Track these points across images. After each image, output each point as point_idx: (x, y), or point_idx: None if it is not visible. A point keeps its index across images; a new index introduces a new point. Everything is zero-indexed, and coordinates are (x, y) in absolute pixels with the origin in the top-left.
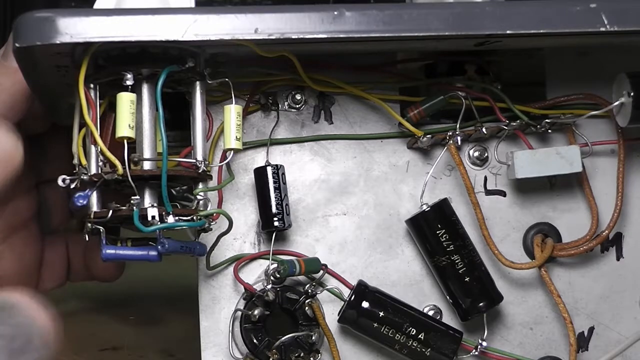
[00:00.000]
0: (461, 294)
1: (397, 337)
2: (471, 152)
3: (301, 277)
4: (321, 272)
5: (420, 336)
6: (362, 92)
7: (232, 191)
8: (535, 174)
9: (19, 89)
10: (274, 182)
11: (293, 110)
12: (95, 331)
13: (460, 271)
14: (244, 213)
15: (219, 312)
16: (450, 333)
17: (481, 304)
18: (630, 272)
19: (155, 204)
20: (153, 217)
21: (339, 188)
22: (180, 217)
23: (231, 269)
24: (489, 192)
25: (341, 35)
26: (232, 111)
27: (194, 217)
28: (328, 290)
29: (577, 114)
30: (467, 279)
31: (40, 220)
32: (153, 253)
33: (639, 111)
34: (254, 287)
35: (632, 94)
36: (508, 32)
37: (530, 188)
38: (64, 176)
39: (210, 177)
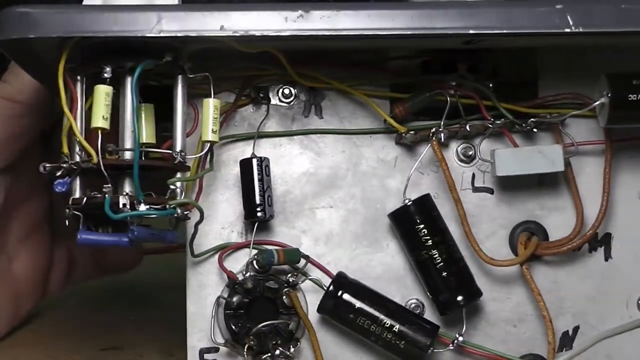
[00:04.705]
0: (439, 288)
1: (373, 328)
2: (459, 149)
3: (286, 267)
4: (303, 262)
5: (394, 329)
6: (350, 88)
7: (221, 182)
8: (516, 172)
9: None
10: (258, 174)
11: (284, 104)
12: (95, 331)
13: (437, 266)
14: (232, 203)
15: (205, 298)
16: (426, 327)
17: (458, 299)
18: (618, 273)
19: (130, 193)
20: (124, 204)
21: (327, 181)
22: (152, 206)
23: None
24: (476, 189)
25: (305, 34)
26: (210, 105)
27: (167, 206)
28: (310, 280)
29: (563, 113)
30: (444, 274)
31: (51, 222)
32: (125, 239)
33: (615, 112)
34: (241, 275)
35: (609, 94)
36: (471, 32)
37: (518, 186)
38: (44, 163)
39: (188, 168)
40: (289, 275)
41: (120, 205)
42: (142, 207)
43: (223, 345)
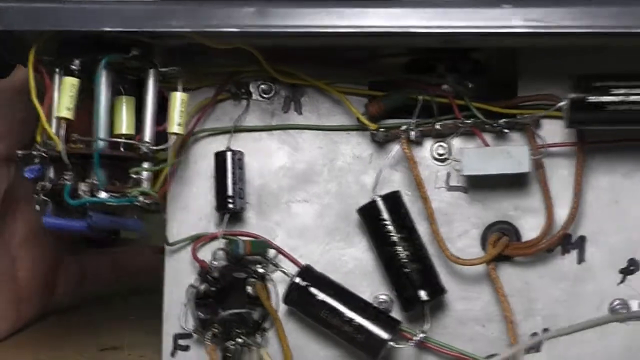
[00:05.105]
0: (402, 284)
1: (334, 321)
2: (434, 148)
3: (260, 258)
4: (274, 253)
5: (354, 322)
6: (327, 85)
7: (201, 174)
8: (482, 172)
9: None
10: (232, 167)
11: (264, 100)
12: (95, 331)
13: (401, 262)
14: (211, 195)
15: (181, 286)
16: (385, 321)
17: (420, 295)
18: (591, 276)
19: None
20: (84, 191)
21: (304, 176)
22: (112, 194)
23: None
24: (450, 188)
25: (260, 30)
26: (178, 98)
27: (128, 195)
28: (281, 270)
29: (533, 114)
30: (406, 270)
31: None
32: (84, 225)
33: (575, 114)
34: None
35: (571, 96)
36: (411, 30)
37: (493, 186)
38: (18, 150)
39: (153, 159)
40: (259, 265)
41: (80, 192)
42: (103, 195)
43: (192, 332)
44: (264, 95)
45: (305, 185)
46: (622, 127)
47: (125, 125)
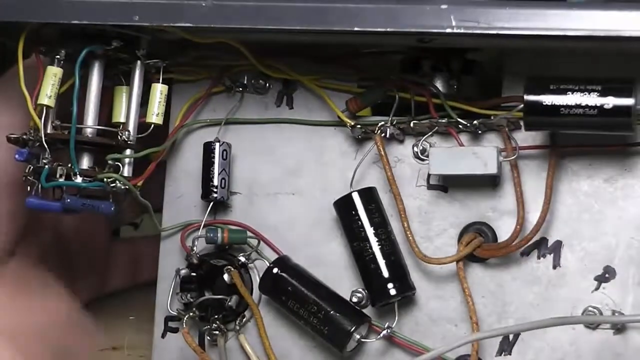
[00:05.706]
0: (368, 280)
1: (301, 312)
2: (415, 146)
3: (246, 247)
4: (257, 241)
5: (320, 314)
6: (313, 81)
7: (197, 163)
8: (448, 172)
9: None
10: (219, 157)
11: (257, 93)
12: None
13: (367, 258)
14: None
15: (174, 270)
16: (353, 315)
17: (389, 290)
18: (566, 282)
19: (91, 167)
20: (60, 175)
21: (291, 169)
22: (85, 178)
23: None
24: (431, 187)
25: (204, 25)
26: (157, 90)
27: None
28: (263, 259)
29: (502, 115)
30: (372, 266)
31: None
32: (59, 206)
33: (529, 117)
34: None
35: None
36: (356, 29)
37: (472, 186)
38: (10, 135)
39: (132, 147)
40: (242, 254)
41: (57, 176)
42: (78, 179)
43: (177, 314)
44: (258, 89)
45: (293, 178)
46: (577, 132)
47: (123, 114)
